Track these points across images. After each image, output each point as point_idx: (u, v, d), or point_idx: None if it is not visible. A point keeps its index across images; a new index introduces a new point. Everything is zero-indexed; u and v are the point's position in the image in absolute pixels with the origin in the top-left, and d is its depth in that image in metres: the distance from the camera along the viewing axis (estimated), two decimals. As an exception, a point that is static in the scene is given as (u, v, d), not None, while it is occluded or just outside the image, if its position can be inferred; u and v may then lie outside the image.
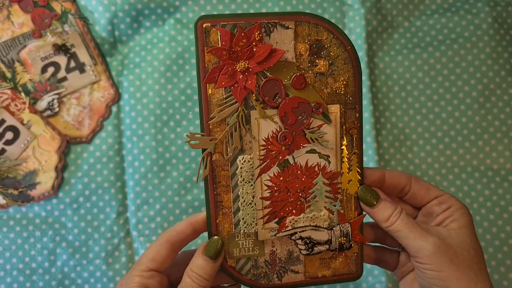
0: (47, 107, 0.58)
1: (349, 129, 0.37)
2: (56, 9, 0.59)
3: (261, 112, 0.35)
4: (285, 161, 0.36)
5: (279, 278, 0.38)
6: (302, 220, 0.37)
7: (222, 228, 0.37)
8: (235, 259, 0.37)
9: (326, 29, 0.35)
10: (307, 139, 0.36)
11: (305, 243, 0.38)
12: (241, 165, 0.36)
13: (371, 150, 0.59)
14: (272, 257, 0.38)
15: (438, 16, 0.62)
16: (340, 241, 0.38)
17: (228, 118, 0.35)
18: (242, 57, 0.34)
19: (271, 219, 0.37)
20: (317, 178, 0.37)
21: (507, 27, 0.62)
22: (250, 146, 0.36)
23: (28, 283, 0.58)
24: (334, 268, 0.39)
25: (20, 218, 0.58)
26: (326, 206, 0.37)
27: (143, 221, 0.59)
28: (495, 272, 0.56)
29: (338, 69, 0.36)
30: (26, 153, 0.58)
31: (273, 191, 0.36)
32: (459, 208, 0.37)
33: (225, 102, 0.35)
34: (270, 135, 0.36)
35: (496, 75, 0.60)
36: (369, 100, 0.59)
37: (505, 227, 0.57)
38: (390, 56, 0.61)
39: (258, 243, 0.37)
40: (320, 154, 0.37)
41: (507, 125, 0.60)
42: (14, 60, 0.58)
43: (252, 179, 0.36)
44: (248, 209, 0.37)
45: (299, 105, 0.35)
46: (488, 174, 0.59)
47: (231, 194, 0.36)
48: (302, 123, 0.36)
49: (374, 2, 0.61)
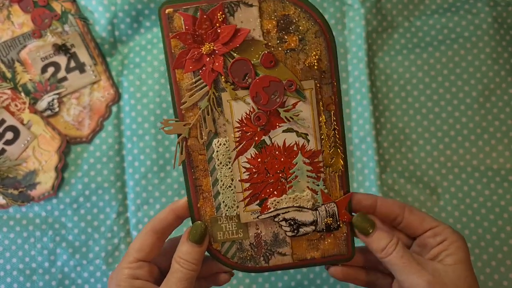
0: (47, 107, 0.58)
1: (326, 105, 0.36)
2: (56, 9, 0.59)
3: (232, 94, 0.35)
4: (262, 142, 0.36)
5: (266, 261, 0.38)
6: (284, 201, 0.37)
7: (204, 212, 0.37)
8: (220, 243, 0.37)
9: (292, 3, 0.34)
10: (282, 118, 0.35)
11: (290, 225, 0.37)
12: (217, 148, 0.36)
13: (371, 150, 0.59)
14: (257, 239, 0.37)
15: (438, 16, 0.62)
16: (327, 221, 0.37)
17: (199, 102, 0.35)
18: (206, 40, 0.34)
19: (252, 201, 0.37)
20: (296, 157, 0.36)
21: (507, 27, 0.62)
22: (224, 129, 0.36)
23: (28, 283, 0.58)
24: (323, 250, 0.38)
25: (20, 218, 0.58)
26: (309, 186, 0.37)
27: (143, 221, 0.59)
28: (495, 272, 0.56)
29: (310, 43, 0.35)
30: (26, 153, 0.58)
31: (251, 173, 0.36)
32: (454, 241, 0.36)
33: (195, 86, 0.35)
34: (244, 117, 0.35)
35: (496, 75, 0.60)
36: (369, 100, 0.59)
37: (505, 227, 0.57)
38: (390, 56, 0.61)
39: (242, 225, 0.37)
40: (298, 132, 0.36)
41: (507, 125, 0.60)
42: (14, 60, 0.58)
43: (229, 162, 0.36)
44: (228, 192, 0.36)
45: (271, 84, 0.35)
46: (488, 174, 0.59)
47: (209, 178, 0.36)
48: (275, 102, 0.35)
49: (374, 2, 0.61)
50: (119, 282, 0.35)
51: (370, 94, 0.59)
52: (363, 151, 0.59)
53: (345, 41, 0.61)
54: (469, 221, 0.58)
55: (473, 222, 0.58)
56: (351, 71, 0.61)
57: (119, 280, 0.35)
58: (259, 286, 0.58)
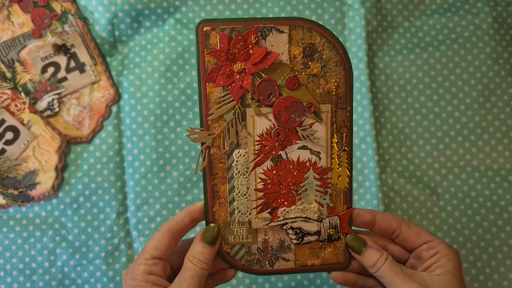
0: (47, 107, 0.58)
1: (339, 127, 0.39)
2: (56, 9, 0.59)
3: (256, 110, 0.38)
4: (278, 156, 0.39)
5: (270, 264, 0.41)
6: (293, 212, 0.40)
7: (218, 216, 0.40)
8: (230, 245, 0.41)
9: (319, 33, 0.38)
10: (299, 136, 0.39)
11: (296, 233, 0.40)
12: (237, 158, 0.39)
13: (371, 150, 0.59)
14: (265, 245, 0.41)
15: (438, 16, 0.62)
16: (329, 232, 0.41)
17: (225, 115, 0.38)
18: (239, 59, 0.37)
19: (264, 209, 0.40)
20: (308, 172, 0.40)
21: (507, 27, 0.62)
22: (245, 141, 0.39)
23: (28, 283, 0.58)
24: (323, 258, 0.41)
25: (20, 218, 0.58)
26: (316, 199, 0.40)
27: (143, 221, 0.59)
28: (495, 272, 0.56)
29: (330, 71, 0.38)
30: (26, 153, 0.58)
31: (266, 183, 0.39)
32: (446, 254, 0.38)
33: (223, 100, 0.38)
34: (265, 132, 0.39)
35: (496, 75, 0.60)
36: (369, 100, 0.59)
37: (505, 227, 0.57)
38: (390, 56, 0.61)
39: (252, 231, 0.40)
40: (311, 150, 0.39)
41: (507, 125, 0.60)
42: (14, 60, 0.58)
43: (247, 172, 0.39)
44: (243, 200, 0.39)
45: (292, 104, 0.38)
46: (488, 174, 0.59)
47: (227, 185, 0.39)
48: (294, 121, 0.38)
49: (374, 2, 0.61)
50: (135, 276, 0.38)
51: (370, 94, 0.59)
52: (363, 151, 0.59)
53: (345, 41, 0.61)
54: (469, 221, 0.58)
55: (473, 222, 0.58)
56: (351, 71, 0.61)
57: (135, 275, 0.37)
58: (259, 286, 0.58)
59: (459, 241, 0.58)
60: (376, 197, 0.58)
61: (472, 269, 0.57)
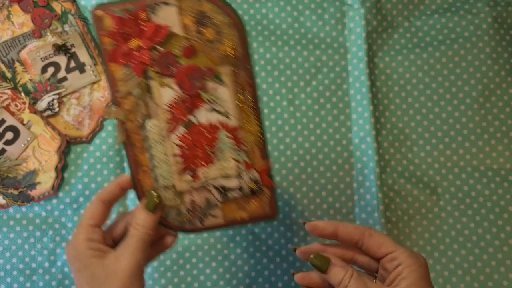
0: (47, 107, 0.58)
1: (243, 87, 0.41)
2: (56, 9, 0.59)
3: (160, 82, 0.41)
4: (189, 121, 0.42)
5: (201, 222, 0.44)
6: (212, 171, 0.43)
7: (144, 183, 0.42)
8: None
9: (206, 1, 0.40)
10: (205, 100, 0.41)
11: (219, 191, 0.43)
12: (150, 129, 0.42)
13: (371, 150, 0.59)
14: (192, 205, 0.43)
15: (438, 16, 0.62)
16: (251, 186, 0.43)
17: (133, 90, 0.41)
18: (133, 37, 0.40)
19: (185, 172, 0.42)
20: (220, 133, 0.42)
21: (507, 27, 0.62)
22: (156, 112, 0.41)
23: (28, 283, 0.58)
24: (250, 211, 0.44)
25: (20, 218, 0.59)
26: (233, 157, 0.42)
27: (143, 221, 0.59)
28: (495, 272, 0.56)
29: (225, 35, 0.40)
30: (26, 153, 0.58)
31: (182, 148, 0.42)
32: (408, 265, 0.37)
33: (127, 77, 0.41)
34: (172, 101, 0.41)
35: (496, 75, 0.60)
36: (369, 100, 0.59)
37: (505, 227, 0.57)
38: (390, 56, 0.62)
39: (178, 194, 0.43)
40: (220, 112, 0.42)
41: (507, 125, 0.60)
42: (14, 60, 0.58)
43: (163, 140, 0.42)
44: (164, 166, 0.42)
45: (192, 72, 0.41)
46: (488, 174, 0.59)
47: (146, 154, 0.42)
48: (197, 87, 0.41)
49: (374, 2, 0.61)
50: (76, 246, 0.39)
51: (370, 94, 0.59)
52: (363, 151, 0.59)
53: (345, 41, 0.61)
54: (469, 221, 0.58)
55: (473, 222, 0.58)
56: (351, 71, 0.61)
57: (77, 244, 0.39)
58: (259, 285, 0.58)
59: (459, 241, 0.58)
60: (376, 197, 0.58)
61: (472, 269, 0.57)
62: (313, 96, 0.61)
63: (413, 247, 0.58)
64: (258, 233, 0.59)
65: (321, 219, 0.59)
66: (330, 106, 0.61)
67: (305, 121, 0.60)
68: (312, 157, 0.60)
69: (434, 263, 0.58)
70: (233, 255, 0.58)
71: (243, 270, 0.58)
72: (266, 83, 0.61)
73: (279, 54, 0.61)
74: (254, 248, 0.59)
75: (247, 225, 0.47)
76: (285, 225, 0.59)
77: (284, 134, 0.60)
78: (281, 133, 0.60)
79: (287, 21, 0.62)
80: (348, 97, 0.61)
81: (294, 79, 0.61)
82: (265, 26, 0.62)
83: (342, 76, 0.61)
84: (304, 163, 0.60)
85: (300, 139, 0.60)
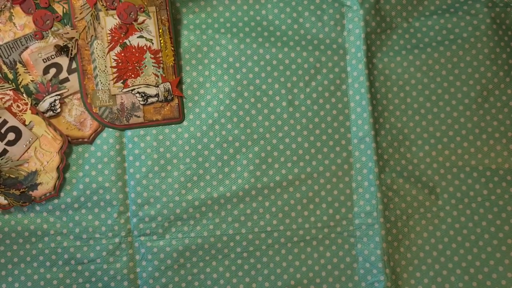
0: (49, 108, 0.59)
1: (163, 22, 0.58)
2: (57, 11, 0.59)
3: (106, 13, 0.57)
4: (124, 43, 0.58)
5: (127, 120, 0.58)
6: (138, 81, 0.58)
7: (88, 87, 0.58)
8: (98, 107, 0.58)
9: None
10: (136, 29, 0.58)
11: (142, 96, 0.58)
12: (96, 46, 0.58)
13: (370, 150, 0.59)
14: (122, 106, 0.58)
15: (437, 17, 0.62)
16: (165, 95, 0.58)
17: (86, 17, 0.57)
18: None
19: (118, 80, 0.58)
20: (146, 54, 0.58)
21: (505, 28, 0.62)
22: (101, 34, 0.58)
23: (30, 282, 0.58)
24: (163, 114, 0.59)
25: (22, 218, 0.59)
26: (154, 72, 0.58)
27: (144, 221, 0.59)
28: (493, 271, 0.57)
29: None
30: (28, 153, 0.58)
31: (118, 62, 0.58)
32: None
33: (82, 7, 0.57)
34: (113, 27, 0.58)
35: (495, 76, 0.61)
36: (367, 101, 0.60)
37: (503, 226, 0.58)
38: (388, 57, 0.62)
39: (112, 96, 0.58)
40: (146, 38, 0.58)
41: (505, 125, 0.60)
42: (16, 61, 0.58)
43: (104, 55, 0.58)
44: (103, 75, 0.58)
45: (129, 7, 0.57)
46: (487, 174, 0.59)
47: (91, 65, 0.58)
48: (132, 19, 0.57)
49: (372, 3, 0.61)
50: None
51: (369, 94, 0.60)
52: (362, 151, 0.60)
53: (344, 42, 0.62)
54: (467, 220, 0.58)
55: (472, 221, 0.58)
56: (350, 72, 0.61)
57: None
58: (259, 285, 0.58)
59: (458, 240, 0.58)
60: (375, 197, 0.58)
61: (471, 268, 0.57)
62: (312, 96, 0.61)
63: (412, 246, 0.58)
64: (258, 233, 0.59)
65: (321, 217, 0.60)
66: (329, 107, 0.61)
67: (305, 122, 0.61)
68: (311, 157, 0.60)
69: (432, 262, 0.58)
70: (233, 254, 0.59)
71: (243, 269, 0.59)
72: (266, 83, 0.61)
73: (278, 55, 0.61)
74: (254, 247, 0.59)
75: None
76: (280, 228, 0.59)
77: (284, 134, 0.60)
78: (280, 133, 0.60)
79: (287, 22, 0.62)
80: (347, 98, 0.61)
81: (294, 80, 0.61)
82: (265, 27, 0.62)
83: (341, 77, 0.61)
84: (303, 163, 0.60)
85: (300, 139, 0.60)
